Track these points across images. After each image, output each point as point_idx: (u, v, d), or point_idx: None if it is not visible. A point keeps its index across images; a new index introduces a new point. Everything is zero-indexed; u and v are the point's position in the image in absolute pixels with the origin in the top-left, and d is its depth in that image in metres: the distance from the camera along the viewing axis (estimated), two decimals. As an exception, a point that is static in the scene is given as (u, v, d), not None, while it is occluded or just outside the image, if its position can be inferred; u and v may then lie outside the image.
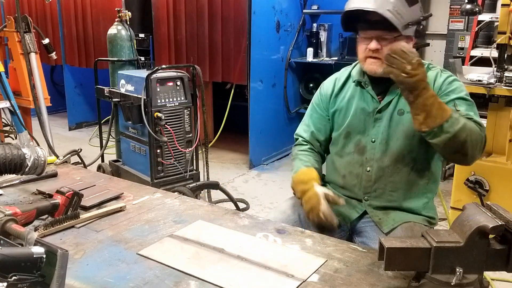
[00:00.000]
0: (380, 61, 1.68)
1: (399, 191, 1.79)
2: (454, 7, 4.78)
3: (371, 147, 1.80)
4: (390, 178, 1.78)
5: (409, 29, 1.65)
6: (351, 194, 1.87)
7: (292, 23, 5.28)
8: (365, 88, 1.82)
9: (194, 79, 3.74)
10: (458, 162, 1.73)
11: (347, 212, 1.87)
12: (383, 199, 1.81)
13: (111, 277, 1.37)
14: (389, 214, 1.80)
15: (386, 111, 1.77)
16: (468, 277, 1.20)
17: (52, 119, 5.34)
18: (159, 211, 1.83)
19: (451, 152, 1.58)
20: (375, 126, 1.79)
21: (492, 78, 3.16)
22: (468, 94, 1.72)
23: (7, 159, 1.82)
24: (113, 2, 5.68)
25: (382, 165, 1.78)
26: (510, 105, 3.07)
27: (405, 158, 1.76)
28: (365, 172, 1.81)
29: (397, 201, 1.80)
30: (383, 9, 1.58)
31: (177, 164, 3.68)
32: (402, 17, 1.60)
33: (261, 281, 1.35)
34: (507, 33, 3.00)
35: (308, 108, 2.02)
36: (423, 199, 1.82)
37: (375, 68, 1.72)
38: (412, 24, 1.64)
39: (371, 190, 1.81)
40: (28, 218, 1.61)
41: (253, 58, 4.72)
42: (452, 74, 1.76)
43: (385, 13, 1.58)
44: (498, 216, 1.20)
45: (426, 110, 1.49)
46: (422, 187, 1.81)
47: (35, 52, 4.00)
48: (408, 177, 1.78)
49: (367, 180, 1.81)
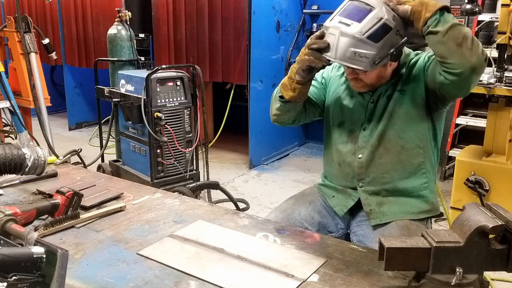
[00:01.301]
0: (361, 83, 1.77)
1: (391, 172, 1.80)
2: (454, 7, 4.78)
3: (363, 135, 1.83)
4: (381, 160, 1.80)
5: (381, 62, 1.62)
6: (346, 183, 1.89)
7: (292, 23, 5.28)
8: None
9: (194, 79, 3.74)
10: (462, 66, 1.53)
11: (343, 201, 1.88)
12: (377, 183, 1.82)
13: (111, 277, 1.37)
14: (382, 205, 1.81)
15: (379, 101, 1.81)
16: (468, 277, 1.20)
17: (52, 119, 5.34)
18: (159, 211, 1.83)
19: (455, 46, 1.52)
20: (367, 115, 1.82)
21: (492, 78, 3.16)
22: None
23: (7, 159, 1.82)
24: (113, 2, 5.68)
25: (372, 150, 1.81)
26: (510, 105, 3.07)
27: (393, 139, 1.78)
28: (356, 159, 1.83)
29: (391, 182, 1.81)
30: (343, 58, 1.59)
31: (177, 164, 3.68)
32: (367, 58, 1.59)
33: (261, 281, 1.35)
34: (507, 33, 3.00)
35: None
36: (421, 179, 1.82)
37: (357, 89, 1.81)
38: (383, 58, 1.61)
39: (364, 176, 1.83)
40: (28, 218, 1.61)
41: (253, 58, 4.72)
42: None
43: (345, 61, 1.59)
44: (498, 216, 1.20)
45: (424, 3, 1.57)
46: (417, 166, 1.81)
47: (35, 52, 3.99)
48: (399, 157, 1.79)
49: (359, 167, 1.83)
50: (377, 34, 1.58)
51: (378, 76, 1.76)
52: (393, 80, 1.80)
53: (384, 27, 1.59)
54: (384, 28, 1.59)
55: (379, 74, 1.75)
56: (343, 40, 1.58)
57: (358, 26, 1.58)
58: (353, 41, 1.57)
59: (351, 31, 1.57)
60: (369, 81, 1.76)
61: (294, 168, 5.06)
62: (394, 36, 1.62)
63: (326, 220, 1.90)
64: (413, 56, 1.83)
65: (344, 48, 1.58)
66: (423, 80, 1.74)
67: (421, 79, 1.75)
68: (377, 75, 1.75)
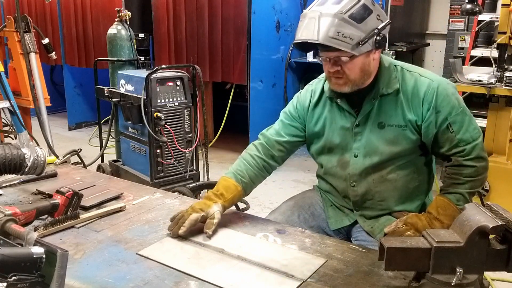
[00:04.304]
0: (343, 80, 1.65)
1: (389, 199, 1.77)
2: (454, 7, 4.78)
3: (354, 161, 1.75)
4: (377, 189, 1.75)
5: (365, 45, 1.56)
6: (343, 203, 1.86)
7: (292, 23, 5.28)
8: (339, 104, 1.76)
9: (194, 79, 3.74)
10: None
11: (339, 218, 1.86)
12: (374, 209, 1.79)
13: (111, 277, 1.37)
14: (379, 220, 1.79)
15: (365, 125, 1.72)
16: (468, 277, 1.20)
17: (52, 119, 5.34)
18: (159, 211, 1.82)
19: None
20: (356, 140, 1.74)
21: (492, 78, 3.17)
22: (461, 102, 1.68)
23: (7, 159, 1.81)
24: (113, 2, 5.68)
25: (366, 178, 1.75)
26: (510, 105, 3.07)
27: (389, 168, 1.72)
28: (350, 187, 1.78)
29: (388, 208, 1.78)
30: (325, 38, 1.51)
31: (177, 164, 3.68)
32: (350, 39, 1.52)
33: (261, 281, 1.35)
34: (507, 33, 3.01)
35: (281, 115, 1.92)
36: (416, 202, 1.80)
37: (339, 87, 1.68)
38: (367, 39, 1.55)
39: (360, 203, 1.80)
40: (28, 218, 1.61)
41: (253, 58, 4.72)
42: (442, 81, 1.68)
43: (329, 41, 1.52)
44: (498, 216, 1.20)
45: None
46: (413, 190, 1.77)
47: (35, 52, 3.99)
48: (395, 184, 1.74)
49: (354, 195, 1.79)
50: (359, 13, 1.54)
51: (362, 69, 1.63)
52: (374, 90, 1.69)
53: (364, 8, 1.55)
54: (365, 8, 1.55)
55: (362, 67, 1.63)
56: (324, 20, 1.52)
57: (338, 6, 1.53)
58: (335, 20, 1.51)
59: (331, 11, 1.52)
60: (353, 76, 1.63)
61: (294, 168, 5.05)
62: (376, 20, 1.58)
63: (326, 225, 1.89)
64: (399, 69, 1.72)
65: (326, 28, 1.52)
66: (421, 126, 1.67)
67: (420, 119, 1.66)
68: (360, 68, 1.63)
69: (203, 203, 1.67)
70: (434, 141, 1.67)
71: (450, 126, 1.63)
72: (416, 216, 1.63)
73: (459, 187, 1.64)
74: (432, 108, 1.64)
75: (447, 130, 1.64)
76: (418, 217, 1.63)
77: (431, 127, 1.65)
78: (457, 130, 1.64)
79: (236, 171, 1.80)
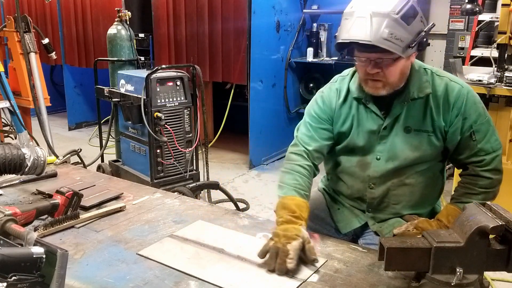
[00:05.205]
0: (382, 83, 1.59)
1: (402, 203, 1.76)
2: (454, 7, 4.78)
3: (375, 164, 1.72)
4: (394, 192, 1.74)
5: (415, 46, 1.52)
6: (354, 204, 1.84)
7: (292, 23, 5.28)
8: (366, 105, 1.71)
9: (194, 79, 3.74)
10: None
11: (349, 220, 1.84)
12: (386, 212, 1.78)
13: (111, 277, 1.37)
14: (388, 221, 1.78)
15: (392, 129, 1.69)
16: (468, 277, 1.20)
17: (52, 119, 5.34)
18: (159, 211, 1.82)
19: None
20: (381, 143, 1.71)
21: (492, 78, 3.17)
22: (486, 112, 1.67)
23: (7, 159, 1.82)
24: (113, 2, 5.68)
25: (386, 182, 1.72)
26: (510, 105, 3.07)
27: (409, 172, 1.71)
28: (368, 189, 1.75)
29: (399, 212, 1.77)
30: (379, 39, 1.45)
31: (177, 164, 3.68)
32: (401, 41, 1.47)
33: (261, 281, 1.35)
34: (507, 33, 3.01)
35: (308, 118, 1.82)
36: (427, 207, 1.80)
37: (376, 91, 1.63)
38: (416, 42, 1.51)
39: (375, 206, 1.78)
40: (28, 218, 1.61)
41: (253, 58, 4.72)
42: (470, 89, 1.67)
43: (382, 43, 1.46)
44: (498, 216, 1.20)
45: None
46: (427, 196, 1.77)
47: (35, 52, 3.99)
48: (412, 189, 1.73)
49: (370, 197, 1.76)
50: (408, 15, 1.48)
51: (402, 72, 1.59)
52: (405, 93, 1.65)
53: (413, 9, 1.51)
54: (413, 9, 1.51)
55: (403, 70, 1.59)
56: (376, 20, 1.45)
57: (390, 4, 1.47)
58: (388, 21, 1.45)
59: (384, 10, 1.46)
60: (392, 78, 1.58)
61: (294, 168, 5.05)
62: (419, 22, 1.53)
63: (329, 231, 1.86)
64: (430, 72, 1.68)
65: (379, 29, 1.45)
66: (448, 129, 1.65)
67: (448, 123, 1.64)
68: (401, 71, 1.58)
69: (292, 228, 1.49)
70: (455, 147, 1.67)
71: (474, 134, 1.62)
72: (427, 222, 1.62)
73: (472, 197, 1.62)
74: (460, 115, 1.62)
75: (469, 138, 1.63)
76: (429, 222, 1.61)
77: (456, 133, 1.64)
78: (479, 139, 1.63)
79: (296, 186, 1.67)
